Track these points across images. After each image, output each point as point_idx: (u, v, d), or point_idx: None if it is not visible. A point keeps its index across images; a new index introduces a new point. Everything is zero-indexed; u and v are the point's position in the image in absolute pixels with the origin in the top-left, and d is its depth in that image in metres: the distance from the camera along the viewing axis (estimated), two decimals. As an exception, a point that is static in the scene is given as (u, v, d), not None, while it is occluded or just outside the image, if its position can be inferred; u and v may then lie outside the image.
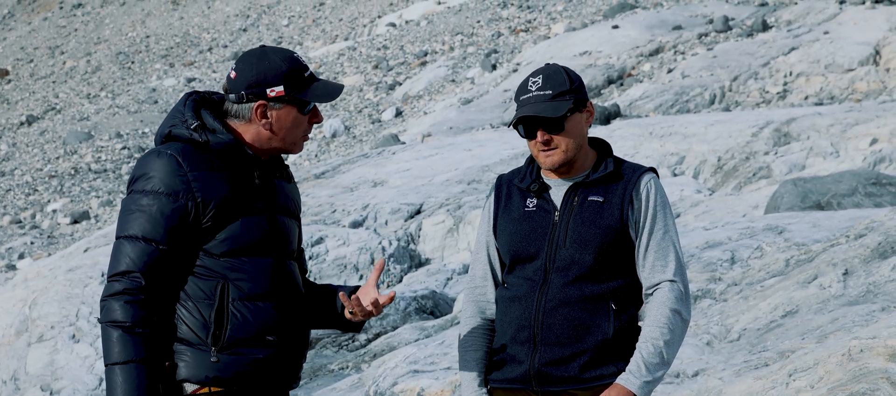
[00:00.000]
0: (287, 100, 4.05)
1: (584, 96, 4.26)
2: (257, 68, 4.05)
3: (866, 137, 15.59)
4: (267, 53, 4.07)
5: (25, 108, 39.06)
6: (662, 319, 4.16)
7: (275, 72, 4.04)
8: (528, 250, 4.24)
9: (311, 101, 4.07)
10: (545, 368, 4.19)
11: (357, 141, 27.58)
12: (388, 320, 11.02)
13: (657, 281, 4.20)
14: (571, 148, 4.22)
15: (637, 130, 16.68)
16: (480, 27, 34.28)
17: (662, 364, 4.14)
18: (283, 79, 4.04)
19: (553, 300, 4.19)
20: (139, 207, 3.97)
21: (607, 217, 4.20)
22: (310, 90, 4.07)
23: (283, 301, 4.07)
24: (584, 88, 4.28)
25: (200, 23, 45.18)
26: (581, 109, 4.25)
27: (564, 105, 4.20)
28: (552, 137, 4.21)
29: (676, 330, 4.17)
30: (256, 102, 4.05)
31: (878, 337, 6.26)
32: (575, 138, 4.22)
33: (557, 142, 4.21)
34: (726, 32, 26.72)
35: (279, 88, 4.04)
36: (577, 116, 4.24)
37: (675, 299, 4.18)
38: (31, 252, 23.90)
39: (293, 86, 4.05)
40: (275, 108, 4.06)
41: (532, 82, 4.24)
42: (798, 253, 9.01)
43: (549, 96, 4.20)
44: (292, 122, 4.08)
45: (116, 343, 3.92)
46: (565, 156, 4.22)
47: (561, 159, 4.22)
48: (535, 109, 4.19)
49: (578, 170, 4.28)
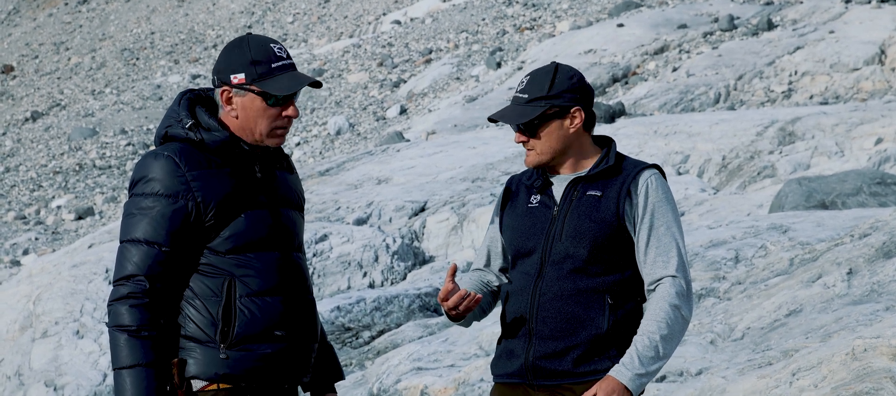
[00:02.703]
0: (247, 88, 4.04)
1: (566, 103, 4.24)
2: (228, 55, 4.06)
3: (871, 137, 15.58)
4: (244, 41, 4.07)
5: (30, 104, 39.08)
6: (661, 313, 4.16)
7: (241, 59, 4.03)
8: (528, 244, 4.28)
9: (270, 92, 4.04)
10: (539, 361, 4.21)
11: (361, 138, 27.59)
12: (391, 317, 11.03)
13: (659, 276, 4.20)
14: (545, 151, 4.25)
15: (641, 129, 16.68)
16: (485, 25, 34.28)
17: (657, 358, 4.13)
18: (247, 66, 4.03)
19: (547, 293, 4.21)
20: (140, 210, 3.98)
21: (603, 211, 4.21)
22: (270, 80, 4.04)
23: (291, 295, 4.07)
24: (573, 93, 4.24)
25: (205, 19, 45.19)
26: (563, 115, 4.25)
27: (536, 110, 4.22)
28: (528, 139, 4.26)
29: (675, 326, 4.16)
30: (221, 88, 4.05)
31: (881, 337, 6.26)
32: (549, 142, 4.25)
33: (532, 144, 4.27)
34: (731, 31, 26.70)
35: (241, 76, 4.03)
36: (556, 122, 4.24)
37: (675, 294, 4.18)
38: (36, 248, 23.92)
39: (255, 74, 4.03)
40: (238, 95, 4.05)
41: (520, 82, 4.31)
42: (802, 253, 9.01)
43: (525, 100, 4.25)
44: (257, 112, 4.05)
45: (124, 347, 3.94)
46: (539, 158, 4.27)
47: (535, 160, 4.27)
48: (506, 111, 4.27)
49: (579, 166, 4.30)
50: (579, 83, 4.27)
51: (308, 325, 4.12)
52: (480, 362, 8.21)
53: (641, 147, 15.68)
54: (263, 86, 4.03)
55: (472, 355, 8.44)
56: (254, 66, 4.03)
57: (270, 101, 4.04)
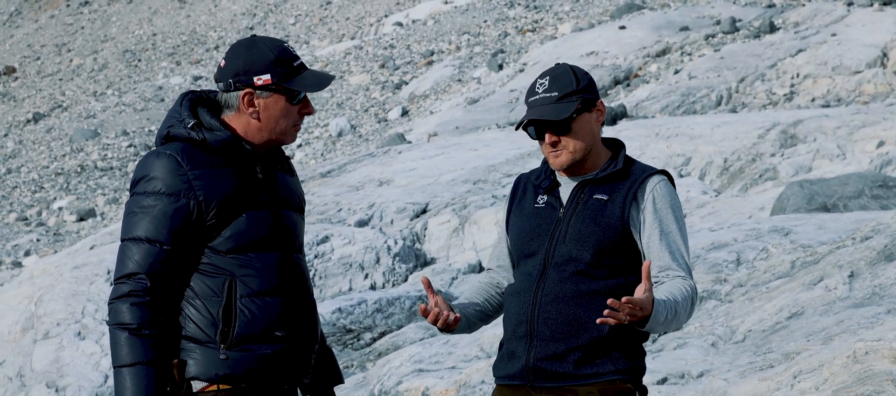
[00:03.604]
0: (274, 88, 4.05)
1: (592, 96, 4.25)
2: (246, 57, 4.05)
3: (873, 140, 15.58)
4: (256, 42, 4.08)
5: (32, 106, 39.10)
6: (678, 289, 4.12)
7: (263, 60, 4.04)
8: (532, 245, 4.26)
9: (300, 91, 4.07)
10: (540, 363, 4.20)
11: (363, 140, 27.59)
12: (393, 319, 11.03)
13: (667, 269, 4.18)
14: (579, 148, 4.23)
15: (643, 131, 16.68)
16: (487, 27, 34.28)
17: (671, 317, 4.06)
18: (271, 67, 4.04)
19: (549, 294, 4.20)
20: (142, 209, 3.98)
21: (609, 215, 4.20)
22: (298, 79, 4.07)
23: (292, 295, 4.07)
24: (593, 87, 4.26)
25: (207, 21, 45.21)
26: (590, 109, 4.25)
27: (570, 106, 4.21)
28: (560, 139, 4.22)
29: (688, 306, 4.13)
30: (243, 90, 4.05)
31: (883, 340, 6.25)
32: (583, 139, 4.23)
33: (565, 143, 4.22)
34: (733, 34, 26.70)
35: (266, 76, 4.04)
36: (585, 117, 4.24)
37: (690, 286, 4.16)
38: (38, 249, 23.93)
39: (281, 74, 4.04)
40: (262, 97, 4.06)
41: (540, 83, 4.25)
42: (804, 255, 9.01)
43: (556, 98, 4.21)
44: (281, 112, 4.07)
45: (124, 346, 3.94)
46: (573, 157, 4.23)
47: (569, 160, 4.23)
48: (540, 112, 4.21)
49: (590, 168, 4.29)
50: (591, 80, 4.30)
51: (308, 326, 4.12)
52: (482, 364, 8.21)
53: (643, 149, 15.68)
54: (293, 85, 4.04)
55: (474, 357, 8.44)
56: (278, 67, 4.04)
57: (294, 101, 4.06)
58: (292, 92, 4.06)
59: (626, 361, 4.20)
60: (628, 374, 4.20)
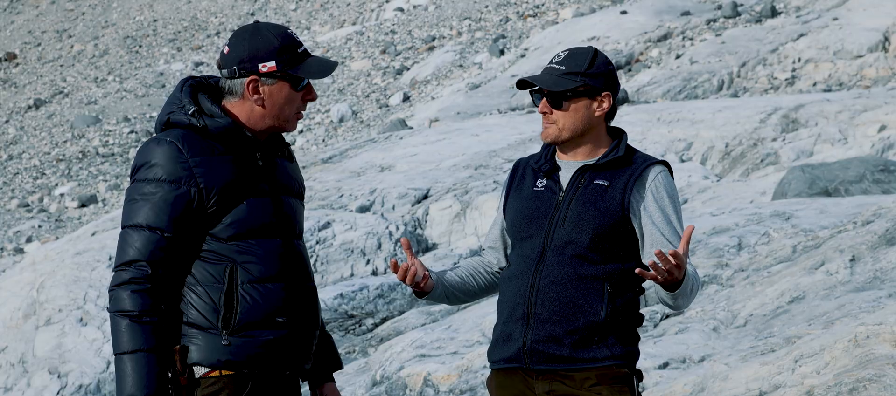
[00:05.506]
0: (279, 75, 4.05)
1: (599, 85, 4.25)
2: (250, 43, 4.05)
3: (874, 124, 15.57)
4: (260, 29, 4.07)
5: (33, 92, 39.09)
6: (691, 269, 4.15)
7: (267, 47, 4.03)
8: (530, 228, 4.27)
9: (305, 77, 4.07)
10: (537, 345, 4.21)
11: (364, 125, 27.58)
12: (394, 305, 11.03)
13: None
14: (567, 127, 4.25)
15: (645, 116, 16.67)
16: (488, 12, 34.24)
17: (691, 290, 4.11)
18: (276, 54, 4.03)
19: (547, 277, 4.21)
20: (142, 196, 3.98)
21: (609, 201, 4.22)
22: (302, 66, 4.07)
23: (293, 282, 4.07)
24: (606, 78, 4.26)
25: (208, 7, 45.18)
26: (593, 96, 4.26)
27: (570, 83, 4.23)
28: (552, 111, 4.24)
29: (697, 287, 4.17)
30: (248, 77, 4.05)
31: (884, 324, 6.26)
32: (573, 120, 4.25)
33: (556, 117, 4.25)
34: (735, 18, 26.67)
35: (271, 64, 4.04)
36: (584, 101, 4.25)
37: (693, 269, 4.18)
38: (39, 235, 23.94)
39: (285, 61, 4.04)
40: (267, 84, 4.06)
41: (557, 54, 4.31)
42: (805, 240, 9.01)
43: (562, 72, 4.24)
44: (285, 99, 4.07)
45: (125, 333, 3.94)
46: (559, 134, 4.26)
47: (554, 134, 4.26)
48: (541, 79, 4.26)
49: (591, 154, 4.29)
50: (613, 71, 4.30)
51: (310, 312, 4.12)
52: (483, 349, 8.22)
53: (644, 134, 15.67)
54: (297, 72, 4.04)
55: (476, 342, 8.45)
56: (282, 54, 4.04)
57: (299, 87, 4.06)
58: (296, 79, 4.07)
59: (623, 346, 4.22)
60: (624, 359, 4.22)
